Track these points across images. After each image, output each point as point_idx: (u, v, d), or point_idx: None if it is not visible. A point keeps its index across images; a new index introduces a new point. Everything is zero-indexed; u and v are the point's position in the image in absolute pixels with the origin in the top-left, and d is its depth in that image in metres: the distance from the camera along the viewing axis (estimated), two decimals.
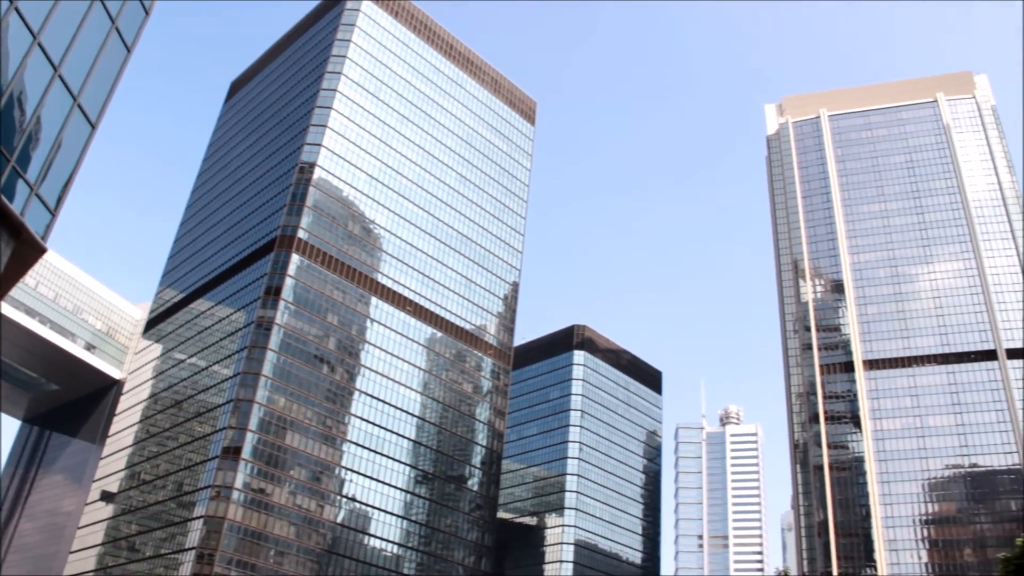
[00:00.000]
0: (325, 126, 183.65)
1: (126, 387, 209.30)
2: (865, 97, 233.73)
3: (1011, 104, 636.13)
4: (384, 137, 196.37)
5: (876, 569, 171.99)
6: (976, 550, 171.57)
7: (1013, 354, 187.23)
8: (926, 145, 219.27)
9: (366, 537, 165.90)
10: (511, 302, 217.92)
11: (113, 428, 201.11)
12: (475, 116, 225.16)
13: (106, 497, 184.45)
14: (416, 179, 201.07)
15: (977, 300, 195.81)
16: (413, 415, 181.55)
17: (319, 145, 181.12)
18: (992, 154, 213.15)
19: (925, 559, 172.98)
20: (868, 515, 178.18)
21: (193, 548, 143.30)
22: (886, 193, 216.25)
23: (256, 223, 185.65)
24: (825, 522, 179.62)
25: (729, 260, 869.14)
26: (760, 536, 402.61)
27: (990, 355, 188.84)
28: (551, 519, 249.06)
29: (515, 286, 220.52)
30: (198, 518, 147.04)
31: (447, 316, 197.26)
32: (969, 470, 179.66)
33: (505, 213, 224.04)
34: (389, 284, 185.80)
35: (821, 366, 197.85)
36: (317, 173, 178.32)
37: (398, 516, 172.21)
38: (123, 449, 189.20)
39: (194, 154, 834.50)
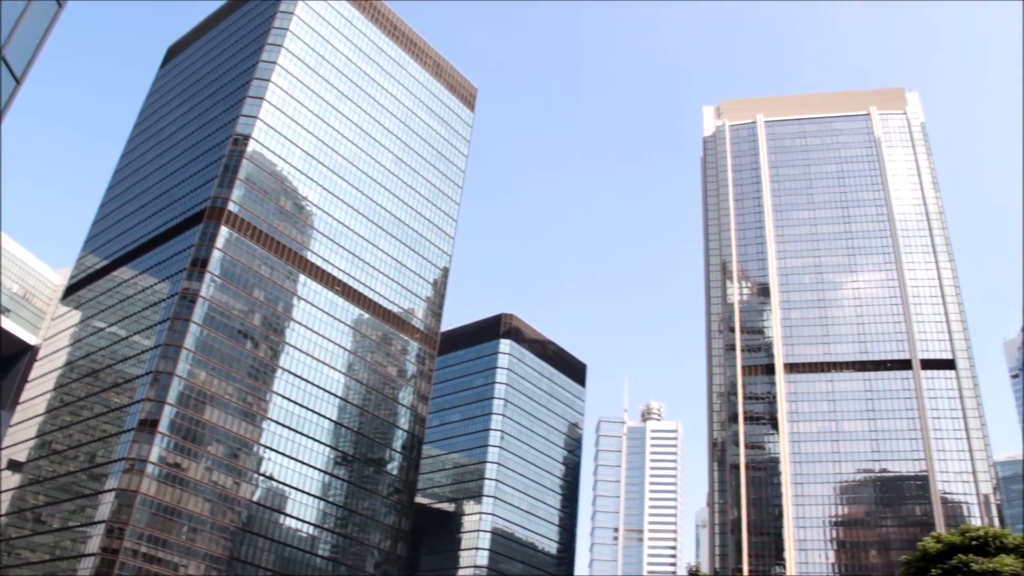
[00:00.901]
0: (262, 99, 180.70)
1: (41, 353, 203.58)
2: (801, 106, 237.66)
3: (939, 122, 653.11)
4: (322, 114, 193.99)
5: (785, 568, 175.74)
6: (881, 552, 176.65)
7: (927, 365, 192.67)
8: (857, 157, 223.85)
9: (282, 517, 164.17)
10: (440, 287, 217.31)
11: (24, 395, 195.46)
12: (415, 99, 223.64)
13: (13, 466, 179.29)
14: (352, 158, 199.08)
15: (896, 311, 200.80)
16: (335, 396, 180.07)
17: (255, 118, 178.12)
18: (919, 170, 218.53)
19: (832, 559, 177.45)
20: (780, 515, 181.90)
21: (103, 521, 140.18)
22: (816, 201, 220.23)
23: (185, 193, 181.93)
24: (738, 520, 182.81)
25: (659, 257, 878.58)
26: (675, 531, 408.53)
27: (905, 365, 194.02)
28: (469, 506, 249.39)
29: (445, 271, 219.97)
30: (110, 491, 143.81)
31: (375, 298, 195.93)
32: (879, 475, 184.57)
33: (439, 198, 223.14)
34: (318, 262, 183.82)
35: (743, 367, 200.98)
36: (251, 146, 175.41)
37: (315, 497, 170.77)
38: (34, 417, 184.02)
39: (124, 121, 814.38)
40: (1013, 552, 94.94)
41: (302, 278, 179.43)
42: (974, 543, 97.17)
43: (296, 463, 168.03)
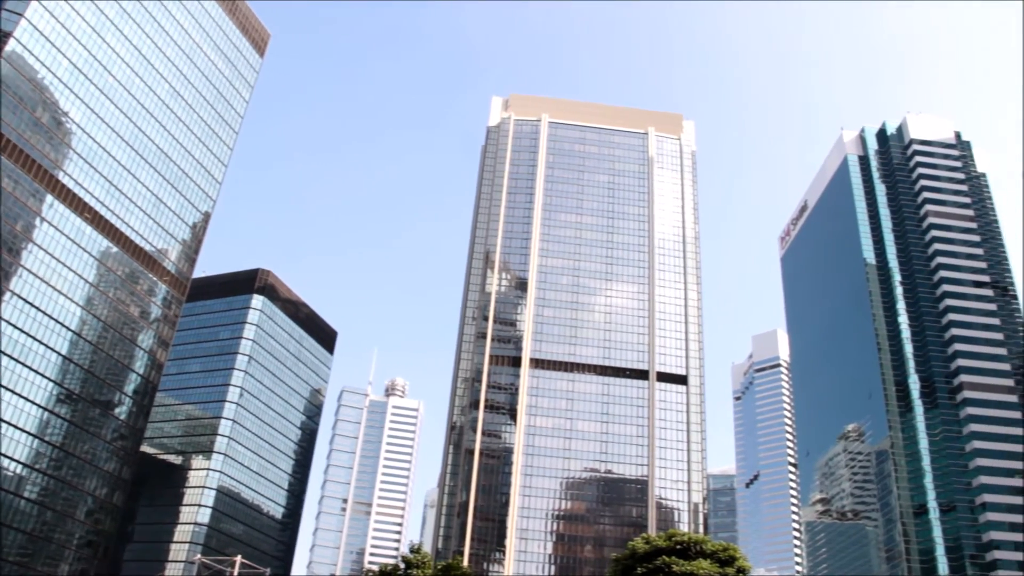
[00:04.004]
0: None
1: None
2: (586, 113, 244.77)
3: (707, 154, 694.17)
4: (98, 27, 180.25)
5: (505, 554, 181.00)
6: (596, 548, 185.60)
7: (662, 378, 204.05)
8: (629, 172, 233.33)
9: None
10: (199, 232, 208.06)
11: None
12: (202, 32, 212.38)
13: None
14: (124, 81, 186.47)
15: (642, 324, 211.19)
16: (68, 329, 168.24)
17: (20, 15, 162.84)
18: (683, 195, 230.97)
19: (550, 551, 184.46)
20: (507, 503, 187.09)
21: None
22: (584, 207, 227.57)
23: None
24: (466, 504, 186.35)
25: (427, 237, 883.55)
26: (403, 508, 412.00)
27: (643, 375, 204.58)
28: (198, 461, 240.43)
29: (207, 216, 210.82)
30: None
31: (127, 232, 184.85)
32: (604, 475, 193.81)
33: (212, 139, 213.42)
34: (70, 184, 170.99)
35: (491, 356, 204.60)
36: (11, 46, 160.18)
37: (29, 434, 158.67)
38: None
39: None
40: (710, 557, 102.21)
41: (49, 199, 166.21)
42: (678, 547, 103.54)
43: (12, 395, 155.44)
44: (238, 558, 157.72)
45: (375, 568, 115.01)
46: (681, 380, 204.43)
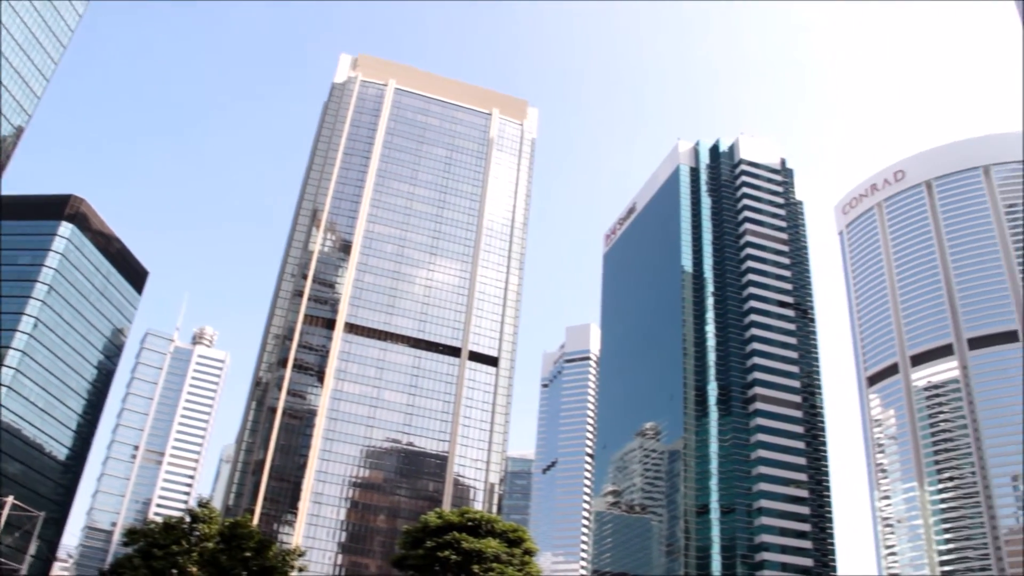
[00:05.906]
0: None
1: None
2: (434, 85, 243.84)
3: (545, 144, 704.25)
4: None
5: (296, 516, 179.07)
6: (389, 518, 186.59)
7: (474, 357, 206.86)
8: (468, 150, 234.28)
9: None
10: (8, 147, 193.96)
11: None
12: None
13: None
14: None
15: (460, 302, 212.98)
16: None
17: None
18: (518, 181, 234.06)
19: (343, 517, 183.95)
20: (304, 465, 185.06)
21: None
22: (419, 179, 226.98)
23: None
24: (262, 462, 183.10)
25: (256, 187, 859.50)
26: (197, 461, 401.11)
27: (455, 352, 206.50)
28: None
29: (19, 131, 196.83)
30: None
31: None
32: (405, 447, 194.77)
33: (34, 48, 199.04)
34: None
35: (305, 315, 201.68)
36: None
37: None
38: None
39: None
40: (500, 537, 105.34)
41: None
42: (470, 524, 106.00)
43: None
44: (9, 499, 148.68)
45: (159, 520, 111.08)
46: (492, 362, 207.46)
